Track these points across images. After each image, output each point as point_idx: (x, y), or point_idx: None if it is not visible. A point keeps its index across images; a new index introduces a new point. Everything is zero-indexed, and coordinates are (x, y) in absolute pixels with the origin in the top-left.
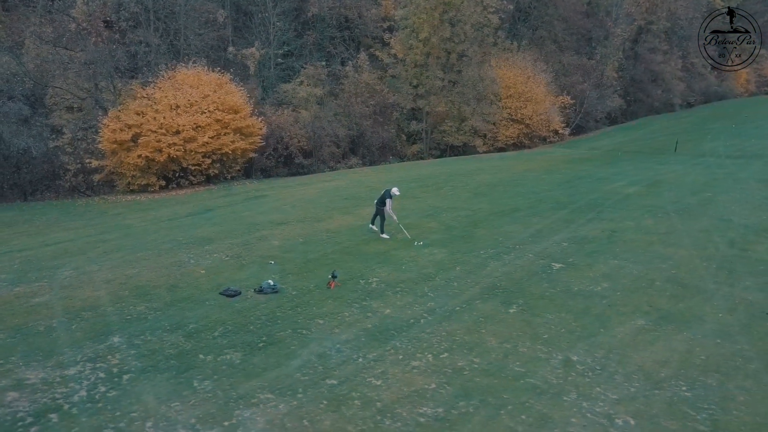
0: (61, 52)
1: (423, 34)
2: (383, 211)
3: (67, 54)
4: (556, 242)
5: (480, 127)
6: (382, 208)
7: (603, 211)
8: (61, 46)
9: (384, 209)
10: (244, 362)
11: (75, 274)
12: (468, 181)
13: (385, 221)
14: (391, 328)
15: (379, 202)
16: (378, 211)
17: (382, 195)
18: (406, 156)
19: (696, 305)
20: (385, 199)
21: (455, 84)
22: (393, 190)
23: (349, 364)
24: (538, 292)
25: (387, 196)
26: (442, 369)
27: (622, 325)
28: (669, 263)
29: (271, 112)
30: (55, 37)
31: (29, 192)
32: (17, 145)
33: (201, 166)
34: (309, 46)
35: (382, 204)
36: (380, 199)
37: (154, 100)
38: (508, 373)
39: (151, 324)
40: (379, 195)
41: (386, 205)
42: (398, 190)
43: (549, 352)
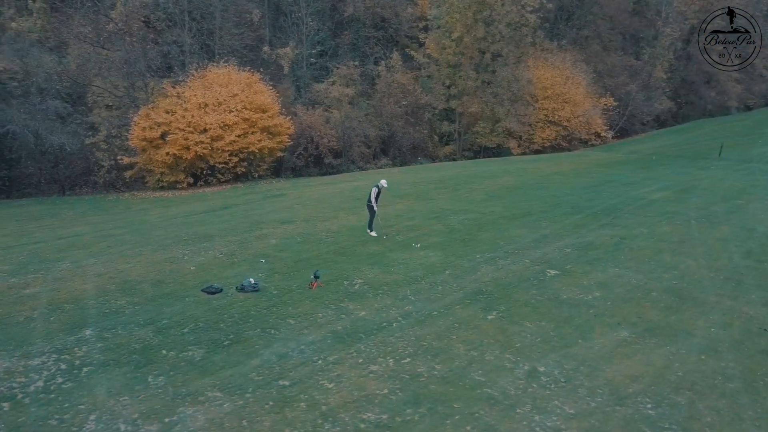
0: (101, 52)
1: (456, 33)
2: (371, 207)
3: (105, 53)
4: (558, 248)
5: (514, 128)
6: (370, 205)
7: (619, 216)
8: (99, 46)
9: (370, 200)
10: (204, 359)
11: (72, 267)
12: (489, 183)
13: (372, 217)
14: (361, 330)
15: (369, 200)
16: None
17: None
18: (438, 157)
19: (689, 318)
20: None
21: (489, 84)
22: (381, 182)
23: (306, 366)
24: (524, 299)
25: (374, 186)
26: (399, 374)
27: (604, 336)
28: (672, 273)
29: (303, 112)
30: (95, 38)
31: (67, 187)
32: (52, 142)
33: (228, 165)
34: (343, 45)
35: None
36: (370, 197)
37: (184, 99)
38: (467, 381)
39: (126, 318)
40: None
41: (371, 193)
42: (386, 182)
43: (516, 362)
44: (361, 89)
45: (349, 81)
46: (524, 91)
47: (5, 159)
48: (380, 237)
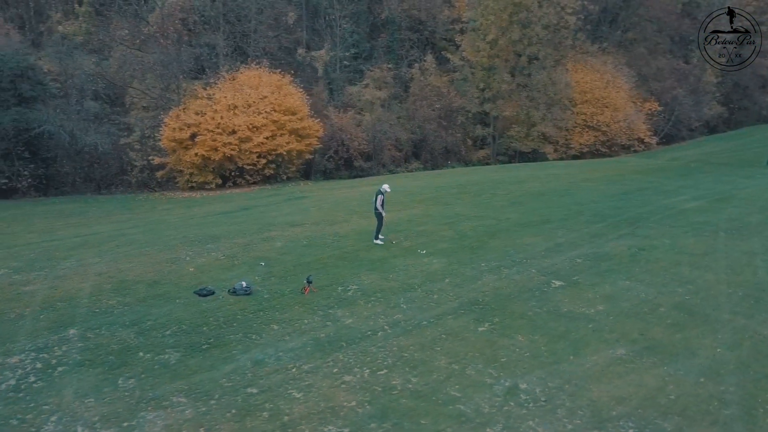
0: (138, 55)
1: (490, 36)
2: (379, 214)
3: (142, 56)
4: (570, 258)
5: (550, 133)
6: (376, 212)
7: (643, 226)
8: (136, 49)
9: (375, 207)
10: (179, 363)
11: (75, 266)
12: (513, 189)
13: (379, 225)
14: (344, 339)
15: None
16: (376, 216)
17: (376, 196)
18: (472, 161)
19: (695, 337)
20: (376, 197)
21: (525, 88)
22: (384, 186)
23: (279, 374)
24: (521, 310)
25: (378, 193)
26: (372, 386)
27: (598, 353)
28: (687, 288)
29: (335, 115)
30: (134, 41)
31: (103, 186)
32: (86, 141)
33: (256, 166)
34: (378, 48)
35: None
36: (375, 205)
37: (214, 101)
38: (441, 396)
39: (113, 318)
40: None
41: (377, 200)
42: (389, 187)
43: (498, 378)
44: (393, 92)
45: (382, 83)
46: (562, 95)
47: (42, 158)
48: (387, 243)
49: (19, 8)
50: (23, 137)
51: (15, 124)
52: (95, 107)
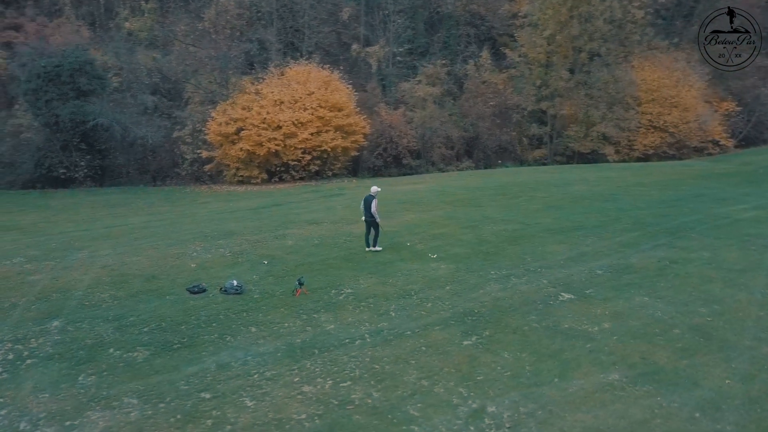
0: (193, 50)
1: (548, 31)
2: (374, 222)
3: (196, 51)
4: (590, 269)
5: (611, 133)
6: (372, 219)
7: (684, 237)
8: (190, 44)
9: (373, 213)
10: (145, 362)
11: (85, 257)
12: (555, 191)
13: (379, 231)
14: (318, 345)
15: (367, 211)
16: (369, 224)
17: (366, 201)
18: (528, 161)
19: (704, 364)
20: (370, 202)
21: (585, 85)
22: (374, 189)
23: (239, 379)
24: (516, 324)
25: (371, 199)
26: (329, 399)
27: (587, 377)
28: (712, 308)
29: (385, 111)
30: (189, 36)
31: (158, 178)
32: (136, 134)
33: (301, 162)
34: (433, 44)
35: (371, 214)
36: (367, 208)
37: (262, 96)
38: (398, 415)
39: (99, 312)
40: (365, 205)
41: (372, 206)
42: (377, 187)
43: (466, 398)
44: (447, 89)
45: (436, 80)
46: (625, 94)
47: (98, 149)
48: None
49: (90, 5)
50: (80, 129)
51: (72, 117)
52: (153, 101)
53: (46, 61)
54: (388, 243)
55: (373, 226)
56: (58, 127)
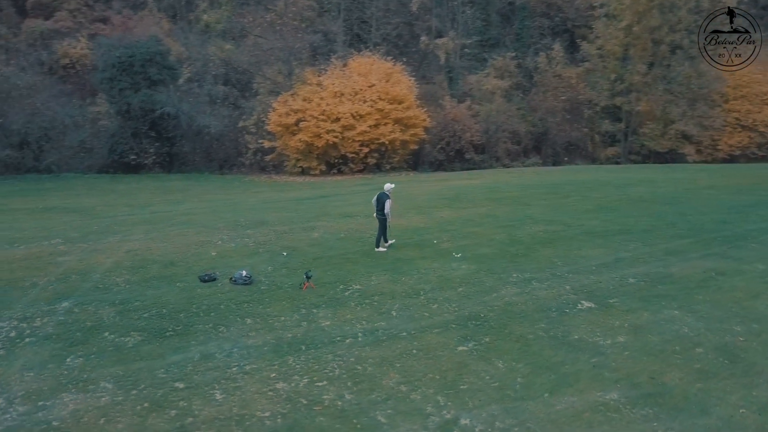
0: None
1: (624, 21)
2: (384, 220)
3: (263, 43)
4: (622, 276)
5: (692, 132)
6: (384, 218)
7: (743, 246)
8: (258, 36)
9: (386, 213)
10: (134, 347)
11: (116, 241)
12: (612, 192)
13: (386, 232)
14: (308, 342)
15: (379, 209)
16: (380, 221)
17: (379, 198)
18: (599, 159)
19: (720, 389)
20: (384, 201)
21: (664, 80)
22: (387, 186)
23: (217, 371)
24: (522, 332)
25: (385, 197)
26: (299, 398)
27: (582, 394)
28: (750, 327)
29: (450, 105)
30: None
31: (226, 166)
32: (199, 123)
33: (359, 155)
34: (505, 36)
35: (383, 212)
36: (379, 205)
37: (323, 87)
38: (364, 421)
39: (108, 296)
40: (377, 202)
41: (386, 206)
42: (391, 184)
43: (442, 407)
44: (516, 82)
45: (505, 73)
46: (709, 89)
47: (167, 137)
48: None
49: None
50: (149, 117)
51: (142, 105)
52: (224, 91)
53: (121, 52)
54: (414, 240)
55: (381, 224)
56: (129, 115)
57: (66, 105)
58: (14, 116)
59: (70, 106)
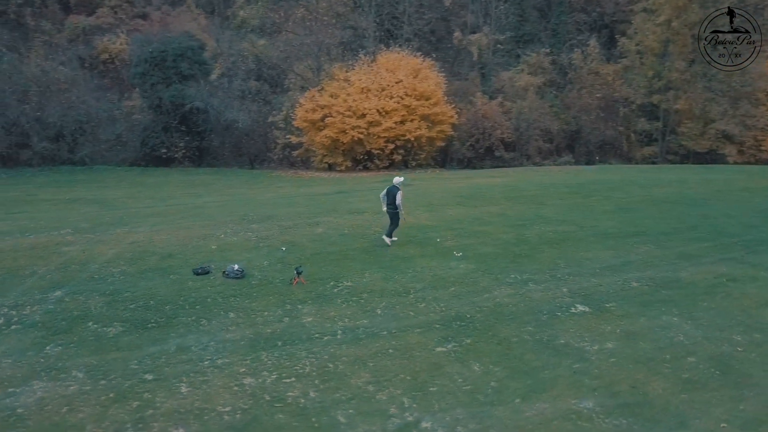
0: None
1: (662, 16)
2: (396, 214)
3: (293, 39)
4: (626, 279)
5: (734, 132)
6: (395, 211)
7: (764, 252)
8: (290, 31)
9: (397, 205)
10: (114, 338)
11: (122, 232)
12: (637, 192)
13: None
14: (286, 338)
15: (390, 202)
16: (391, 216)
17: (389, 192)
18: (635, 159)
19: (705, 402)
20: (395, 194)
21: (706, 78)
22: (396, 179)
23: (188, 364)
24: (506, 334)
25: (395, 190)
26: (263, 394)
27: (556, 401)
28: (752, 336)
29: (482, 101)
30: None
31: (256, 161)
32: (226, 117)
33: (384, 151)
34: (539, 31)
35: (394, 205)
36: (389, 199)
37: (350, 83)
38: (324, 419)
39: (101, 286)
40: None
41: (397, 198)
42: (400, 178)
43: (406, 409)
44: (549, 78)
45: (539, 69)
46: (754, 88)
47: (197, 131)
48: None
49: None
50: (179, 112)
51: (172, 100)
52: (256, 86)
53: (153, 47)
54: (418, 238)
55: (393, 218)
56: (160, 109)
57: (101, 99)
58: (51, 110)
59: (105, 100)
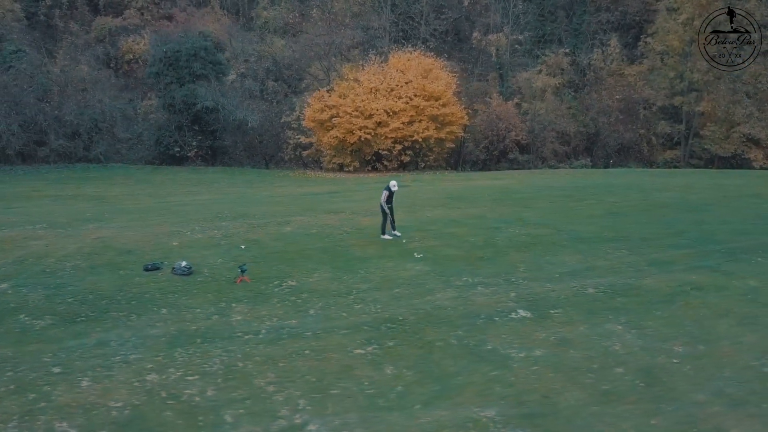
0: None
1: (684, 15)
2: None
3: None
4: (582, 286)
5: (759, 135)
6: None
7: (745, 260)
8: (303, 32)
9: (381, 204)
10: (40, 330)
11: (94, 228)
12: (632, 197)
13: (387, 220)
14: (207, 336)
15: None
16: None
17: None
18: (656, 162)
19: (616, 416)
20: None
21: (730, 79)
22: (391, 183)
23: (100, 359)
24: (434, 338)
25: (384, 189)
26: (161, 391)
27: (456, 408)
28: (695, 348)
29: (497, 103)
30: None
31: (272, 161)
32: (235, 116)
33: (392, 152)
34: (561, 31)
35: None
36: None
37: (359, 83)
38: (210, 418)
39: (48, 280)
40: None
41: (382, 196)
42: (395, 184)
43: (297, 411)
44: (567, 79)
45: (557, 70)
46: None
47: (210, 131)
48: (396, 239)
49: None
50: (191, 111)
51: (184, 99)
52: (273, 87)
53: (167, 47)
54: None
55: (382, 214)
56: (174, 108)
57: (117, 99)
58: (69, 108)
59: (121, 100)
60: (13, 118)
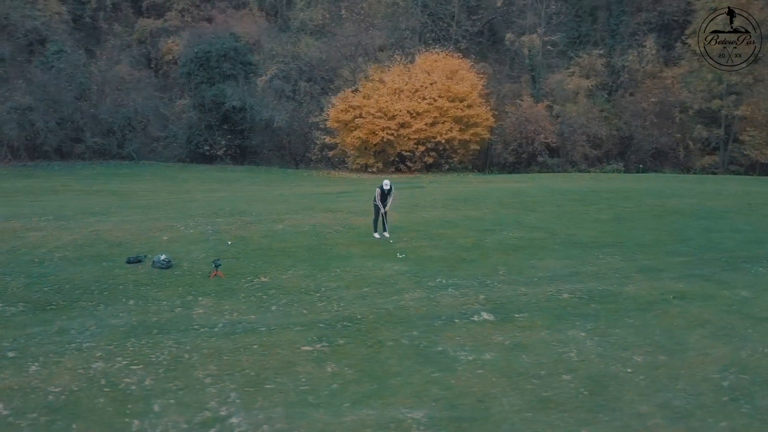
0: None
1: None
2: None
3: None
4: (558, 290)
5: None
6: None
7: (746, 270)
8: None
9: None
10: (9, 317)
11: (96, 221)
12: (646, 203)
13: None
14: (165, 328)
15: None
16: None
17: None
18: (693, 168)
19: (548, 422)
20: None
21: None
22: (384, 182)
23: (56, 345)
24: (387, 338)
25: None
26: (100, 379)
27: (386, 408)
28: (655, 358)
29: (528, 104)
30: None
31: (301, 161)
32: (262, 116)
33: (415, 153)
34: (596, 32)
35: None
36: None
37: (383, 84)
38: (140, 408)
39: (33, 269)
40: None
41: (375, 194)
42: (388, 183)
43: (226, 404)
44: (600, 81)
45: (591, 71)
46: None
47: (239, 130)
48: (384, 239)
49: None
50: (221, 111)
51: (214, 99)
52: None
53: (198, 48)
54: (372, 238)
55: (374, 212)
56: (204, 108)
57: (153, 98)
58: (106, 107)
59: (157, 99)
60: (51, 115)
